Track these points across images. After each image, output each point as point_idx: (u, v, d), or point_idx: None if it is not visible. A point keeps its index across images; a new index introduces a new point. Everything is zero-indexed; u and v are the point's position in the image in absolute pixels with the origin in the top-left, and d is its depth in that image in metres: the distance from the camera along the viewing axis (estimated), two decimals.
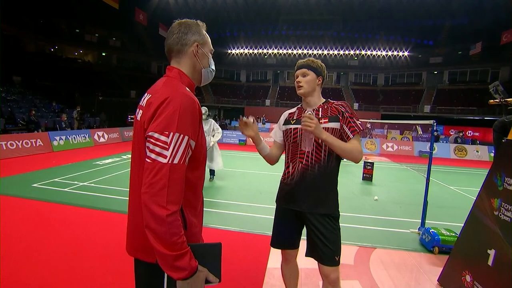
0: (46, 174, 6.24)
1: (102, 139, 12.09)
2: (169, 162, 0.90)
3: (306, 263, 2.24)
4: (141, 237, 1.02)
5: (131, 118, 16.85)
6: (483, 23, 23.61)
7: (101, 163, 7.81)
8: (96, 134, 11.87)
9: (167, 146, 0.90)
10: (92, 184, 5.61)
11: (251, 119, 1.69)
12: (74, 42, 26.73)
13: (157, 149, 0.90)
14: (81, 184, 5.57)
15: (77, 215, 3.98)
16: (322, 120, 1.59)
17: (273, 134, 1.84)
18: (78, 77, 22.05)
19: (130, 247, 1.10)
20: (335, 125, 1.58)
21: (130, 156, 8.50)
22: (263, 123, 20.62)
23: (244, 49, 34.67)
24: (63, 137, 10.10)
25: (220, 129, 5.91)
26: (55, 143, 9.67)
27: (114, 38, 29.53)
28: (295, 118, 1.72)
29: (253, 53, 34.87)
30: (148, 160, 0.91)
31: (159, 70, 31.22)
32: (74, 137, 10.59)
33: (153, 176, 0.88)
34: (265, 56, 34.89)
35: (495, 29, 22.92)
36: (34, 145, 8.89)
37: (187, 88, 1.05)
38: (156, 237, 0.86)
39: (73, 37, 26.56)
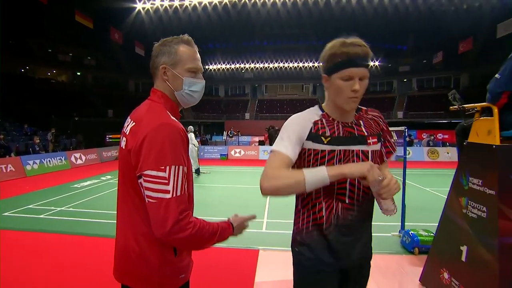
0: (19, 201, 5.94)
1: (79, 161, 11.68)
2: (174, 195, 0.89)
3: None
4: (129, 262, 1.01)
5: (110, 138, 16.34)
6: (441, 34, 25.62)
7: (79, 186, 7.53)
8: (73, 156, 11.46)
9: (167, 181, 0.88)
10: (71, 209, 5.40)
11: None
12: (47, 62, 25.93)
13: (158, 186, 0.88)
14: (59, 209, 5.34)
15: (54, 242, 3.81)
16: (371, 141, 1.14)
17: (284, 148, 1.09)
18: (52, 98, 21.32)
19: (117, 272, 1.08)
20: (379, 146, 1.17)
21: (109, 177, 8.15)
22: (231, 136, 19.36)
23: (221, 65, 34.99)
24: (37, 161, 9.67)
25: (194, 140, 8.51)
26: (28, 167, 9.24)
27: (89, 57, 28.89)
28: (328, 134, 1.13)
29: (230, 68, 35.25)
30: (152, 200, 0.89)
31: (136, 88, 30.63)
32: (49, 160, 10.17)
33: (163, 214, 0.87)
34: (242, 71, 35.37)
35: (453, 39, 25.00)
36: (5, 170, 8.46)
37: (171, 114, 1.01)
38: (199, 247, 1.00)
39: (45, 57, 25.79)
